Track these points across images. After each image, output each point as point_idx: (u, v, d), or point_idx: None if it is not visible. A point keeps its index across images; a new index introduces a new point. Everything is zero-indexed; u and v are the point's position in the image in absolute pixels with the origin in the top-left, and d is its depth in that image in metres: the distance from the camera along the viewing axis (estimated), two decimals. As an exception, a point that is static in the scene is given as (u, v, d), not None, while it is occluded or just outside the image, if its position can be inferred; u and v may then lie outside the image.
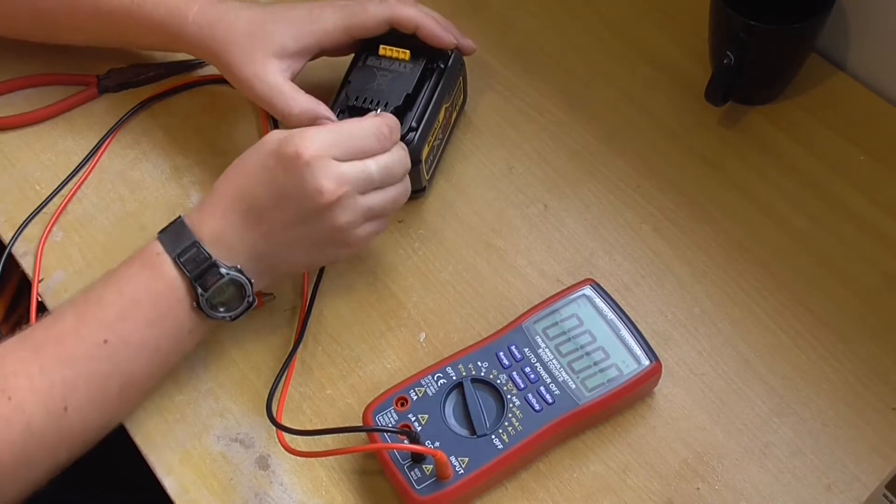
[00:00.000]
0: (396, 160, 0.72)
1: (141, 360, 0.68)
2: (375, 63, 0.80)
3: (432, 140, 0.80)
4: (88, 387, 0.66)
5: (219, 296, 0.69)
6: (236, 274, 0.68)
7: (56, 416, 0.64)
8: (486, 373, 0.70)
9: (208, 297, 0.68)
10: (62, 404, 0.64)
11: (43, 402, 0.64)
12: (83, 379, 0.65)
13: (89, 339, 0.66)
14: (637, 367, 0.70)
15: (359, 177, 0.69)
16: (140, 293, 0.68)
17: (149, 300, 0.68)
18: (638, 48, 0.91)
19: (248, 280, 0.69)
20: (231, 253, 0.68)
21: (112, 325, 0.67)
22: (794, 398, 0.72)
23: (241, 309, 0.70)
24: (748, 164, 0.83)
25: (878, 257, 0.78)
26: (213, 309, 0.69)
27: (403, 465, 0.67)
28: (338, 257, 0.75)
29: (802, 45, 0.83)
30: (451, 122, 0.84)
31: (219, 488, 0.70)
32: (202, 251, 0.67)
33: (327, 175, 0.67)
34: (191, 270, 0.67)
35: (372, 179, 0.70)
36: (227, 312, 0.70)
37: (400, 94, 0.78)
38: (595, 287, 0.73)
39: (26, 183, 0.85)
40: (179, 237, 0.68)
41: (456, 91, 0.83)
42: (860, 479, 0.69)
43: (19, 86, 0.90)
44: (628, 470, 0.70)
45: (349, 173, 0.68)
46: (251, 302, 0.70)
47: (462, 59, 0.83)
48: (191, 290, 0.68)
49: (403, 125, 0.76)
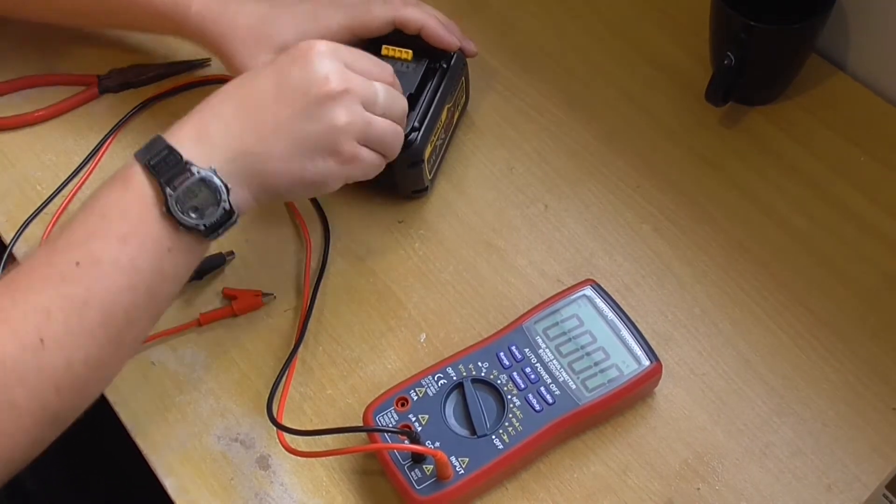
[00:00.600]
0: (398, 97, 0.72)
1: (119, 282, 0.62)
2: None
3: (434, 140, 0.80)
4: (64, 314, 0.60)
5: (190, 198, 0.63)
6: (208, 173, 0.63)
7: (32, 348, 0.59)
8: (486, 373, 0.70)
9: (178, 196, 0.62)
10: (37, 335, 0.59)
11: (14, 332, 0.59)
12: (57, 305, 0.60)
13: (59, 262, 0.61)
14: (637, 368, 0.70)
15: (365, 87, 0.68)
16: (108, 207, 0.63)
17: (117, 212, 0.63)
18: (638, 48, 0.91)
19: (223, 183, 0.64)
20: (211, 150, 0.64)
21: (81, 244, 0.62)
22: (794, 398, 0.72)
23: (217, 218, 0.64)
24: (748, 164, 0.84)
25: (878, 257, 0.78)
26: (184, 213, 0.63)
27: (404, 465, 0.67)
28: (328, 173, 0.68)
29: (803, 45, 0.83)
30: (453, 123, 0.84)
31: (219, 488, 0.70)
32: (174, 153, 0.63)
33: (336, 68, 0.66)
34: (160, 173, 0.62)
35: (376, 97, 0.69)
36: (201, 219, 0.63)
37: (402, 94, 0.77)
38: (595, 287, 0.74)
39: (27, 183, 0.85)
40: (153, 146, 0.64)
41: (458, 91, 0.83)
42: (860, 479, 0.69)
43: (20, 86, 0.90)
44: (629, 470, 0.70)
45: (357, 78, 0.67)
46: (227, 209, 0.64)
47: (464, 59, 0.83)
48: (160, 194, 0.62)
49: (406, 125, 0.77)
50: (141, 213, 0.62)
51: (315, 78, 0.65)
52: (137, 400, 0.74)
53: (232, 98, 0.66)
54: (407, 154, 0.77)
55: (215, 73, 0.90)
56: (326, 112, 0.66)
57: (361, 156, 0.69)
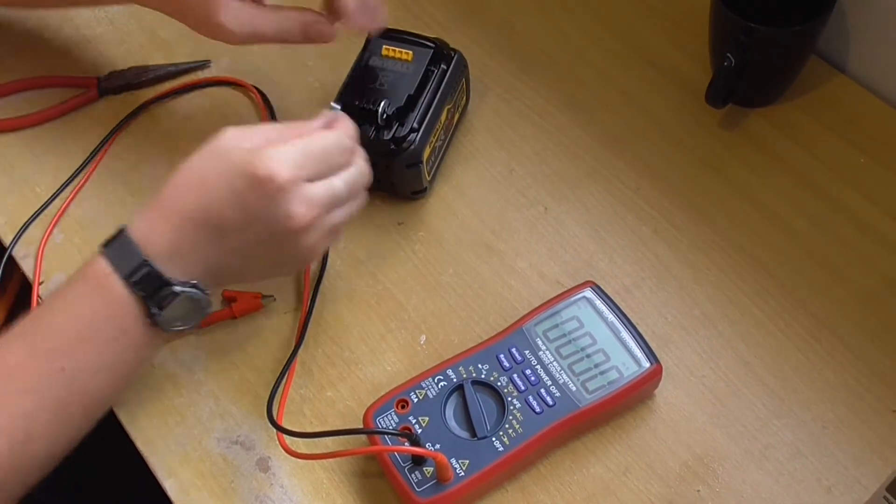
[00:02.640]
0: (359, 174, 0.70)
1: (100, 382, 0.65)
2: (378, 63, 0.80)
3: (434, 141, 0.80)
4: (49, 415, 0.63)
5: (175, 312, 0.65)
6: (192, 290, 0.65)
7: (20, 443, 0.62)
8: (486, 375, 0.70)
9: (164, 315, 0.65)
10: (24, 434, 0.62)
11: (6, 434, 0.62)
12: (43, 408, 0.63)
13: (44, 369, 0.63)
14: (637, 370, 0.70)
15: (328, 197, 0.67)
16: (92, 317, 0.64)
17: (103, 323, 0.64)
18: (638, 50, 0.91)
19: (205, 293, 0.66)
20: (186, 267, 0.65)
21: (67, 352, 0.64)
22: (794, 400, 0.72)
23: (199, 320, 0.67)
24: (748, 166, 0.84)
25: (879, 259, 0.78)
26: (169, 324, 0.66)
27: (404, 467, 0.67)
28: (298, 268, 0.76)
29: (803, 47, 0.83)
30: (453, 124, 0.84)
31: (219, 490, 0.70)
32: (153, 270, 0.63)
33: (300, 200, 0.64)
34: (143, 290, 0.63)
35: (339, 198, 0.68)
36: (185, 325, 0.67)
37: (402, 94, 0.78)
38: (595, 289, 0.73)
39: (26, 185, 0.85)
40: (127, 254, 0.64)
41: (458, 92, 0.83)
42: (860, 481, 0.69)
43: (19, 88, 0.90)
44: (629, 472, 0.70)
45: (319, 195, 0.66)
46: (208, 312, 0.68)
47: (465, 60, 0.83)
48: (144, 307, 0.64)
49: (405, 126, 0.77)
50: (126, 325, 0.64)
51: (280, 217, 0.64)
52: (137, 402, 0.74)
53: (196, 221, 0.64)
54: (405, 155, 0.77)
55: (215, 75, 0.90)
56: (294, 241, 0.66)
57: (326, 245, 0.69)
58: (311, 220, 0.65)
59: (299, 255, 0.67)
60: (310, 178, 0.65)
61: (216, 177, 0.64)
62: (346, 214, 0.69)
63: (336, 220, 0.68)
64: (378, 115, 0.76)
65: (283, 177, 0.63)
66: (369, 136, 0.77)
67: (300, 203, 0.64)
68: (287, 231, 0.65)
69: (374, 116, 0.77)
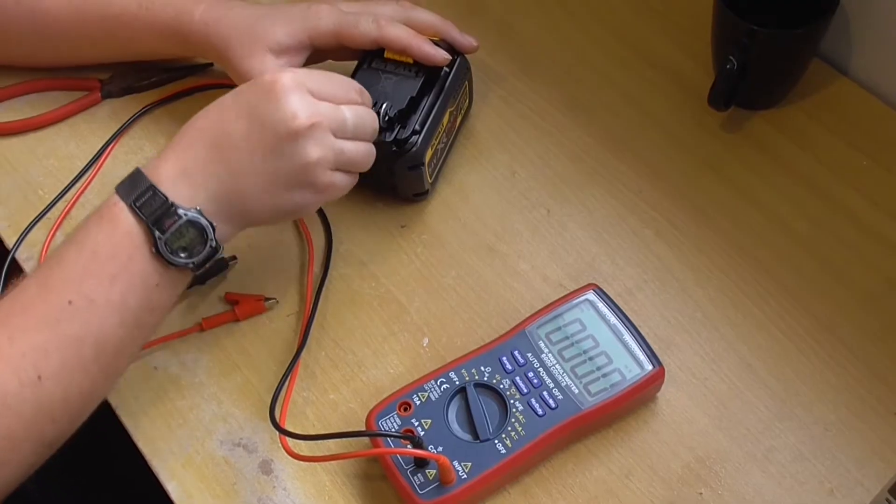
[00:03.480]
0: (368, 115, 0.72)
1: (111, 319, 0.65)
2: (380, 66, 0.80)
3: (436, 143, 0.80)
4: (60, 352, 0.63)
5: (178, 239, 0.65)
6: (195, 215, 0.65)
7: (31, 385, 0.62)
8: (489, 378, 0.70)
9: (167, 239, 0.65)
10: (35, 373, 0.62)
11: (14, 371, 0.61)
12: (54, 344, 0.63)
13: (54, 301, 0.63)
14: (640, 372, 0.70)
15: (334, 115, 0.68)
16: (98, 246, 0.65)
17: (107, 252, 0.65)
18: (640, 52, 0.91)
19: (209, 222, 0.66)
20: (193, 191, 0.66)
21: (74, 283, 0.64)
22: (796, 402, 0.72)
23: (205, 255, 0.67)
24: (751, 168, 0.84)
25: (881, 261, 0.78)
26: (173, 254, 0.65)
27: (406, 469, 0.67)
28: (305, 203, 0.71)
29: (805, 49, 0.83)
30: (455, 126, 0.84)
31: (222, 493, 0.70)
32: (158, 194, 0.65)
33: (303, 102, 0.66)
34: (147, 215, 0.64)
35: (345, 123, 0.69)
36: (190, 258, 0.66)
37: (404, 97, 0.78)
38: (598, 292, 0.74)
39: (29, 188, 0.85)
40: (136, 183, 0.65)
41: (461, 95, 0.83)
42: (862, 483, 0.69)
43: (22, 91, 0.90)
44: (631, 474, 0.70)
45: (324, 108, 0.68)
46: (214, 247, 0.67)
47: (468, 63, 0.83)
48: (149, 234, 0.65)
49: (406, 128, 0.77)
50: (130, 254, 0.65)
51: (283, 116, 0.66)
52: (140, 405, 0.74)
53: (205, 138, 0.67)
54: (407, 157, 0.77)
55: (217, 78, 0.90)
56: (298, 149, 0.67)
57: (335, 182, 0.70)
58: (315, 125, 0.66)
59: (306, 173, 0.68)
60: (315, 94, 0.68)
61: (225, 99, 0.68)
62: (355, 149, 0.70)
63: (344, 148, 0.69)
64: (380, 116, 0.76)
65: (287, 79, 0.66)
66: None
67: (303, 105, 0.66)
68: (289, 133, 0.66)
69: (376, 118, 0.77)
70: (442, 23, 0.83)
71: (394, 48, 0.79)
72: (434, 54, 0.79)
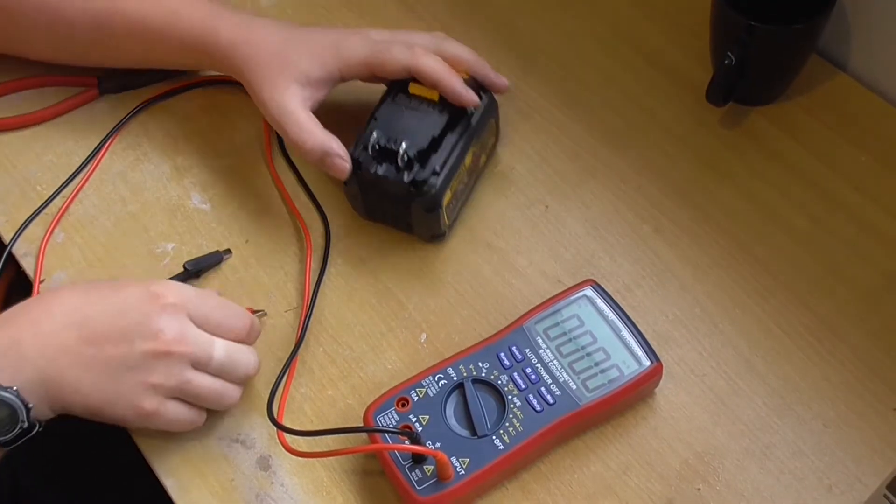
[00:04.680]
0: (244, 357, 0.69)
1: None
2: (405, 101, 0.77)
3: (456, 185, 0.77)
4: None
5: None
6: (8, 394, 0.61)
7: None
8: (486, 373, 0.70)
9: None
10: None
11: None
12: None
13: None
14: (638, 368, 0.70)
15: (201, 347, 0.66)
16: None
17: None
18: (638, 49, 0.91)
19: (23, 404, 0.61)
20: (17, 366, 0.62)
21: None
22: (794, 399, 0.72)
23: (15, 433, 0.62)
24: (749, 164, 0.83)
25: (879, 258, 0.78)
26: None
27: (404, 465, 0.67)
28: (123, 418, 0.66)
29: (803, 45, 0.83)
30: (479, 166, 0.82)
31: (220, 489, 0.70)
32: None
33: (172, 325, 0.64)
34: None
35: (210, 359, 0.67)
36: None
37: (426, 136, 0.75)
38: (596, 288, 0.73)
39: (27, 184, 0.85)
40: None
41: (487, 134, 0.80)
42: (861, 479, 0.69)
43: (20, 87, 0.90)
44: (629, 470, 0.70)
45: (195, 338, 0.66)
46: (26, 428, 0.62)
47: (495, 101, 0.80)
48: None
49: (426, 168, 0.74)
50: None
51: (147, 331, 0.64)
52: (138, 400, 0.74)
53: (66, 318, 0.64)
54: (424, 199, 0.75)
55: (214, 74, 0.90)
56: (143, 367, 0.64)
57: (163, 412, 0.66)
58: (170, 352, 0.64)
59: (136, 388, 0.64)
60: (194, 319, 0.66)
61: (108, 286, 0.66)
62: (205, 388, 0.67)
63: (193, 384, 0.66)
64: (399, 156, 0.74)
65: (171, 299, 0.65)
66: (389, 176, 0.75)
67: (173, 329, 0.64)
68: (145, 350, 0.64)
69: (395, 157, 0.74)
70: (475, 59, 0.80)
71: (425, 79, 0.76)
72: (463, 94, 0.76)
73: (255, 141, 0.87)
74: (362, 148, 0.76)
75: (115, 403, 0.65)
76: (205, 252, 0.80)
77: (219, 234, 0.82)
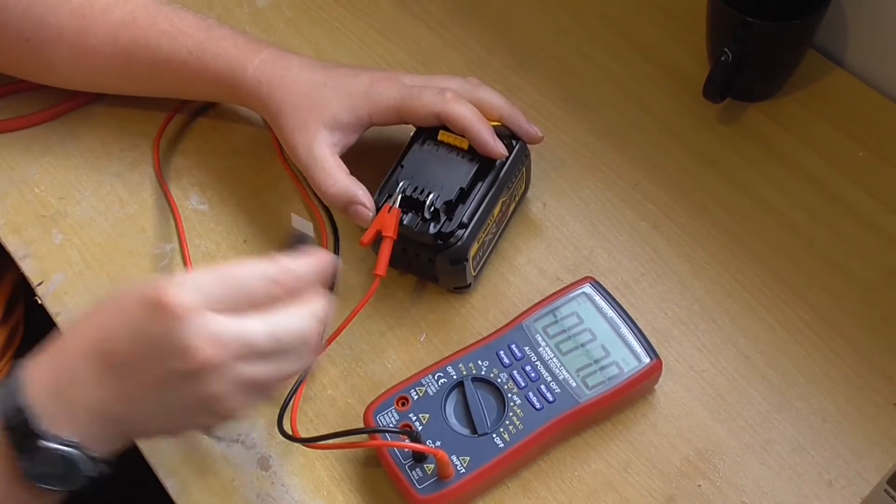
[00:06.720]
0: (292, 324, 0.58)
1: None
2: (432, 149, 0.75)
3: (483, 236, 0.75)
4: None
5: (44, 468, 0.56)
6: (70, 450, 0.55)
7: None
8: (486, 372, 0.70)
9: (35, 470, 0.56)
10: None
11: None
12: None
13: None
14: (637, 365, 0.70)
15: (239, 340, 0.55)
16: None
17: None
18: (636, 45, 0.91)
19: (88, 456, 0.56)
20: (71, 415, 0.56)
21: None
22: (794, 394, 0.72)
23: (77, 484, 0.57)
24: (747, 160, 0.83)
25: (878, 252, 0.78)
26: (40, 480, 0.56)
27: (405, 464, 0.67)
28: (203, 425, 0.63)
29: (800, 41, 0.83)
30: (507, 216, 0.79)
31: (220, 489, 0.70)
32: (25, 417, 0.55)
33: (199, 333, 0.54)
34: (15, 439, 0.55)
35: (255, 345, 0.56)
36: (62, 487, 0.57)
37: (453, 186, 0.72)
38: (594, 285, 0.74)
39: (26, 186, 0.85)
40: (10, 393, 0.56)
41: (516, 183, 0.78)
42: (861, 474, 0.69)
43: (19, 89, 0.90)
44: (630, 467, 0.70)
45: (227, 334, 0.55)
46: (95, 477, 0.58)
47: (527, 150, 0.78)
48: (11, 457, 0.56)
49: (453, 221, 0.72)
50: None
51: (174, 351, 0.54)
52: (138, 401, 0.74)
53: (89, 354, 0.56)
54: (450, 252, 0.72)
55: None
56: (195, 384, 0.55)
57: (242, 406, 0.58)
58: (216, 361, 0.54)
59: (206, 406, 0.56)
60: (219, 308, 0.55)
61: (116, 307, 0.57)
62: (267, 373, 0.57)
63: (254, 375, 0.57)
64: (425, 207, 0.72)
65: (179, 301, 0.54)
66: (414, 227, 0.72)
67: (200, 337, 0.54)
68: (184, 370, 0.54)
69: (422, 207, 0.72)
70: (509, 108, 0.77)
71: (455, 125, 0.74)
72: (491, 145, 0.73)
73: (253, 141, 0.87)
74: (387, 196, 0.73)
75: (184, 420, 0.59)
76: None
77: (217, 235, 0.82)
